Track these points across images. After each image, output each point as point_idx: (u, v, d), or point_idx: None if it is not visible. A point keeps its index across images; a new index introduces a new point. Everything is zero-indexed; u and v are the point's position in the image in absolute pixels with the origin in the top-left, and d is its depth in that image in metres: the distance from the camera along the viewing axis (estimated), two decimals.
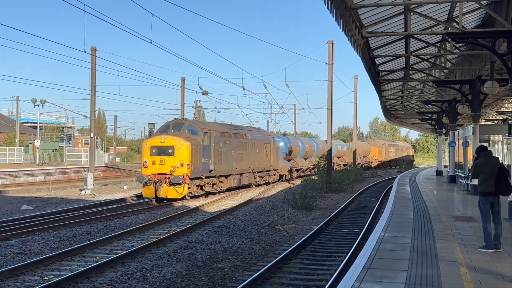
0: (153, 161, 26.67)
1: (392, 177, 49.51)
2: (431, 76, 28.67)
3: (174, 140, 26.77)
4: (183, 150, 26.59)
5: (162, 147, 26.74)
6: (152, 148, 26.87)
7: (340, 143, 69.58)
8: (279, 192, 33.64)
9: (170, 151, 26.59)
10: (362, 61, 21.81)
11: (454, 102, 30.11)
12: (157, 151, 26.76)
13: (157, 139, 27.10)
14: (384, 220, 14.32)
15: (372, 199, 29.88)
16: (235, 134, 32.73)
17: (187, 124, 28.88)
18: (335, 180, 35.07)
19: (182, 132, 28.36)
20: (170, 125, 28.96)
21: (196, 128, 28.68)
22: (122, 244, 15.80)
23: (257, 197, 30.17)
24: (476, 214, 16.12)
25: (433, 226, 13.20)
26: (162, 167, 26.50)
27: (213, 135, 29.31)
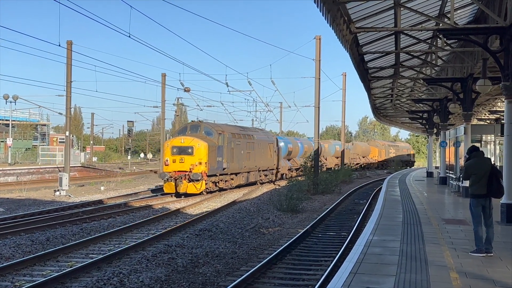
0: (174, 159, 30.55)
1: (381, 178, 49.79)
2: (422, 74, 28.85)
3: (193, 141, 30.71)
4: (201, 150, 30.49)
5: (182, 147, 30.62)
6: (173, 148, 30.72)
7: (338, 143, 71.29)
8: (264, 193, 33.67)
9: (189, 150, 30.45)
10: (350, 57, 21.90)
11: (445, 101, 30.36)
12: (178, 151, 30.62)
13: (178, 140, 31.07)
14: (373, 223, 14.39)
15: (360, 201, 30.02)
16: (244, 135, 36.77)
17: (203, 126, 32.80)
18: (322, 181, 35.19)
19: (199, 133, 32.24)
20: (187, 127, 33.15)
21: (212, 129, 32.55)
22: (99, 248, 15.70)
23: (241, 199, 30.17)
24: (467, 217, 16.25)
25: (423, 230, 13.29)
26: (182, 165, 30.33)
27: (226, 136, 33.17)
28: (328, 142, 67.80)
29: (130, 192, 33.31)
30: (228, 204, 27.03)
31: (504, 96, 15.45)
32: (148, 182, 43.24)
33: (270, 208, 25.49)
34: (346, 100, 55.86)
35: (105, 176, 47.81)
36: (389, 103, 44.11)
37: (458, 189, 25.48)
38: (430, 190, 28.29)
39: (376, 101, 42.01)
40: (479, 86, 18.21)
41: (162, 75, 55.43)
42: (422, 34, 23.15)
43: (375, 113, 50.49)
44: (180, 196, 30.02)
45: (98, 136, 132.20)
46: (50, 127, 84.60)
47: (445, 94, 30.21)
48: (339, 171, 46.39)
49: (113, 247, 15.79)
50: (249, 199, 30.49)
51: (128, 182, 42.92)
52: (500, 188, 10.30)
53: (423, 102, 35.85)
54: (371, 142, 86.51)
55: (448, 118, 32.34)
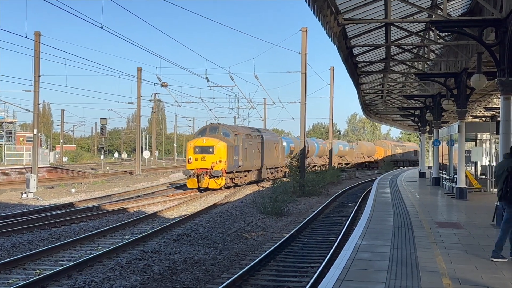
0: (196, 158, 35.88)
1: (371, 179, 50.06)
2: (414, 68, 29.06)
3: (214, 141, 36.20)
4: (221, 149, 35.80)
5: (204, 146, 36.06)
6: (196, 147, 36.15)
7: (342, 142, 75.06)
8: (247, 196, 33.68)
9: (210, 150, 35.84)
10: (338, 51, 21.97)
11: (438, 97, 30.59)
12: (200, 150, 36.00)
13: (200, 140, 36.54)
14: (362, 226, 14.46)
15: (349, 203, 30.17)
16: (255, 135, 42.63)
17: (221, 127, 38.28)
18: (309, 182, 35.29)
19: (217, 134, 37.59)
20: (206, 129, 38.74)
21: (229, 131, 38.07)
22: (69, 254, 15.59)
23: (222, 201, 30.17)
24: (461, 219, 16.43)
25: (414, 233, 13.39)
26: (204, 163, 35.58)
27: (241, 137, 38.67)
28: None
29: (104, 195, 33.15)
30: (209, 207, 27.01)
31: (500, 92, 15.60)
32: (123, 184, 43.04)
33: (253, 211, 25.52)
34: (334, 96, 56.24)
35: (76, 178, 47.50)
36: (379, 99, 44.36)
37: (451, 191, 25.69)
38: (422, 191, 28.50)
39: (366, 97, 42.21)
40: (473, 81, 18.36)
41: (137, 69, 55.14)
42: (414, 26, 23.30)
43: (364, 110, 50.72)
44: (203, 190, 35.43)
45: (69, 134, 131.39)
46: (16, 124, 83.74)
47: (438, 90, 30.44)
48: (326, 171, 46.54)
49: (85, 253, 15.69)
50: (231, 201, 30.48)
51: (101, 183, 42.68)
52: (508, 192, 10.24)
53: (415, 98, 36.07)
54: (377, 142, 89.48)
55: (441, 116, 32.56)
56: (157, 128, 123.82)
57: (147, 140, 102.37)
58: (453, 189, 24.76)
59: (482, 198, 23.46)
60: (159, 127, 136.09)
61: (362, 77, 31.58)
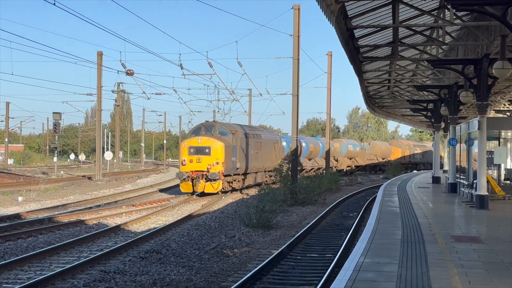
0: (191, 159, 38.22)
1: (376, 185, 50.23)
2: (426, 54, 29.18)
3: (210, 141, 38.52)
4: (218, 150, 38.06)
5: (199, 147, 38.37)
6: (190, 148, 38.59)
7: (352, 142, 77.76)
8: (229, 205, 33.68)
9: (207, 150, 38.14)
10: (337, 33, 22.02)
11: (455, 88, 30.76)
12: (195, 151, 38.38)
13: (195, 140, 38.96)
14: (364, 241, 14.51)
15: (349, 213, 30.26)
16: (253, 135, 44.87)
17: (217, 126, 40.74)
18: (302, 189, 35.35)
19: (213, 133, 40.01)
20: (201, 127, 40.86)
21: (226, 130, 40.39)
22: (15, 276, 15.50)
23: (199, 211, 30.14)
24: (482, 233, 16.53)
25: (426, 249, 13.45)
26: (199, 164, 37.89)
27: (239, 136, 41.02)
28: (339, 141, 73.85)
29: (57, 204, 32.97)
30: (183, 218, 27.00)
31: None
32: (80, 191, 42.86)
33: (236, 223, 25.52)
34: (332, 86, 56.09)
35: (24, 184, 47.19)
36: (385, 90, 44.51)
37: (470, 198, 25.84)
38: (436, 199, 28.62)
39: (370, 88, 42.35)
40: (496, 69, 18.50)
41: (97, 54, 54.91)
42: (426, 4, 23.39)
43: (368, 103, 50.91)
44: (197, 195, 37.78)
45: (15, 132, 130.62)
46: None
47: (455, 80, 30.62)
48: (323, 176, 46.66)
49: (34, 274, 15.60)
50: (209, 212, 30.45)
51: (54, 191, 42.47)
52: None
53: (428, 89, 36.22)
54: (393, 142, 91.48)
55: (458, 110, 32.76)
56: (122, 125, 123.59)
57: (109, 139, 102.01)
58: (472, 197, 24.90)
59: (506, 208, 23.62)
60: (123, 123, 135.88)
61: (365, 64, 31.67)
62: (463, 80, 27.45)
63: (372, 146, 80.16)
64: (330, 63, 55.06)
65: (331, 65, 55.06)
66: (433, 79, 36.90)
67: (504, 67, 18.18)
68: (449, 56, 29.82)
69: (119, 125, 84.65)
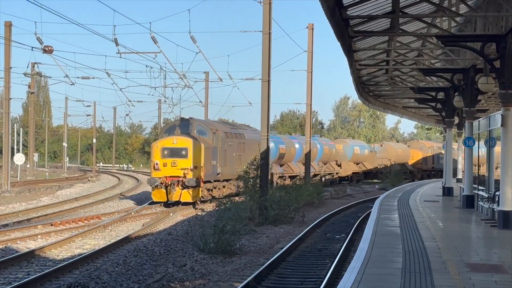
0: (164, 163, 40.63)
1: (370, 198, 50.43)
2: (435, 28, 29.30)
3: (187, 141, 40.90)
4: (197, 152, 40.54)
5: (175, 148, 40.74)
6: (164, 149, 40.87)
7: (359, 143, 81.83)
8: (178, 224, 33.56)
9: (183, 152, 40.50)
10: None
11: (472, 72, 30.92)
12: (169, 153, 40.69)
13: (169, 140, 41.27)
14: (354, 271, 14.52)
15: (335, 235, 30.33)
16: (235, 134, 48.11)
17: (195, 124, 43.26)
18: (274, 203, 35.27)
19: (190, 132, 42.61)
20: (176, 125, 43.75)
21: (205, 128, 43.24)
22: None
23: (139, 232, 29.95)
24: (506, 260, 16.63)
25: (434, 282, 13.49)
26: (174, 169, 40.30)
27: (220, 136, 43.96)
28: (343, 142, 77.44)
29: None
30: (118, 241, 26.84)
31: None
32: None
33: (188, 247, 25.44)
34: (314, 69, 56.09)
35: None
36: (383, 75, 44.56)
37: (492, 216, 26.02)
38: (448, 216, 28.80)
39: (362, 71, 42.35)
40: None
41: (5, 24, 54.38)
42: None
43: (360, 92, 50.89)
44: (173, 205, 40.44)
45: None
46: None
47: (472, 62, 30.80)
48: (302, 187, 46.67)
49: None
50: (152, 233, 30.29)
51: None
52: None
53: (437, 74, 36.39)
54: (413, 143, 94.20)
55: (476, 101, 32.93)
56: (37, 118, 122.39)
57: (20, 137, 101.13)
58: (494, 214, 25.06)
59: None
60: (39, 116, 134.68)
61: (357, 40, 31.71)
62: (482, 62, 27.66)
63: (385, 149, 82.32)
64: (312, 39, 54.99)
65: (312, 41, 54.99)
66: (444, 61, 37.12)
67: None
68: (465, 31, 30.01)
69: (33, 118, 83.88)
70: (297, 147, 64.52)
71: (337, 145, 74.73)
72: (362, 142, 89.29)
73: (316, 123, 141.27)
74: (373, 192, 62.50)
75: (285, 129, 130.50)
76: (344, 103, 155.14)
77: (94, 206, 43.80)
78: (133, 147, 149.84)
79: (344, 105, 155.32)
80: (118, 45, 40.19)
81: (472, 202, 31.85)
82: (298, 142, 65.83)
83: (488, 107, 51.00)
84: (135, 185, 66.96)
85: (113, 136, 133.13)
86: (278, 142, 58.91)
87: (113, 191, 59.18)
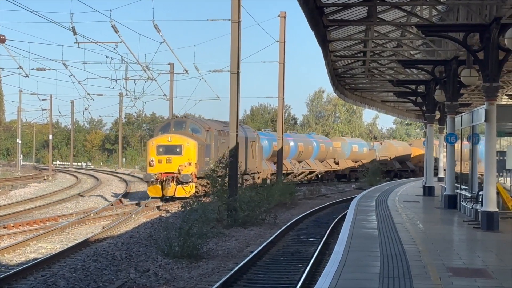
0: (160, 160, 46.11)
1: (346, 198, 50.55)
2: (416, 17, 29.43)
3: (181, 139, 46.40)
4: (191, 149, 45.51)
5: (170, 145, 46.23)
6: (159, 147, 46.45)
7: (358, 141, 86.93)
8: (141, 226, 33.48)
9: (178, 150, 45.96)
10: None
11: (454, 64, 31.08)
12: (164, 150, 46.27)
13: (164, 138, 46.96)
14: (329, 277, 14.56)
15: (309, 238, 30.38)
16: (228, 132, 48.93)
17: (189, 122, 48.94)
18: (244, 204, 35.26)
19: (184, 130, 48.05)
20: (170, 123, 49.73)
21: (198, 126, 48.40)
22: None
23: (99, 236, 29.82)
24: (490, 264, 16.74)
25: (414, 287, 13.57)
26: (169, 166, 45.43)
27: (213, 134, 49.07)
28: (341, 140, 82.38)
29: None
30: (76, 245, 26.70)
31: None
32: None
33: (151, 251, 25.38)
34: (287, 61, 56.06)
35: None
36: (359, 67, 44.69)
37: (475, 217, 26.15)
38: (429, 218, 28.91)
39: (338, 63, 42.45)
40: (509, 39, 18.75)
41: None
42: None
43: (336, 85, 50.96)
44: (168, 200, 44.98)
45: None
46: None
47: (454, 53, 30.95)
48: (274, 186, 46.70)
49: None
50: (113, 236, 30.19)
51: None
52: None
53: (418, 66, 36.52)
54: (415, 142, 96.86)
55: (459, 94, 33.07)
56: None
57: None
58: (477, 215, 25.20)
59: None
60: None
61: (332, 30, 31.76)
62: (464, 54, 27.82)
63: (385, 147, 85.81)
64: (284, 28, 54.99)
65: (284, 31, 55.00)
66: (425, 52, 37.29)
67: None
68: (447, 21, 30.15)
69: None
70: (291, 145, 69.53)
71: (335, 143, 79.49)
72: (361, 140, 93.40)
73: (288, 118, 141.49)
74: (350, 191, 62.64)
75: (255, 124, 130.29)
76: (319, 97, 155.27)
77: (51, 207, 43.55)
78: (93, 144, 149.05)
79: (318, 99, 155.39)
80: (76, 34, 40.06)
81: (454, 203, 32.00)
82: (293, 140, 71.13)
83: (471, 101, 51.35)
84: (94, 184, 66.63)
85: (71, 132, 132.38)
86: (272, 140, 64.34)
87: (71, 191, 58.85)
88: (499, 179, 28.86)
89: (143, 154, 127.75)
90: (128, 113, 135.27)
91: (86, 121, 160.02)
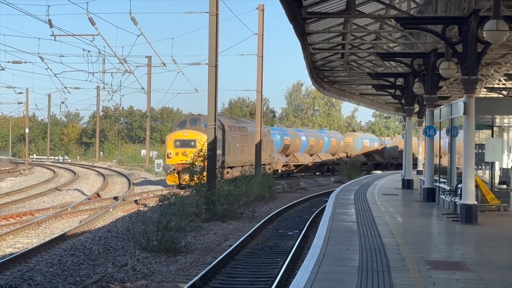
0: (176, 152, 53.83)
1: (325, 192, 50.59)
2: (394, 10, 29.46)
3: (195, 134, 53.94)
4: (204, 143, 46.82)
5: (185, 140, 54.16)
6: (176, 141, 54.67)
7: (369, 136, 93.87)
8: (118, 220, 33.40)
9: (192, 143, 52.94)
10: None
11: (433, 57, 31.14)
12: (181, 144, 54.18)
13: (180, 133, 55.20)
14: (308, 270, 14.56)
15: (288, 231, 30.40)
16: (239, 127, 60.33)
17: (202, 119, 54.94)
18: (223, 198, 35.24)
19: (198, 126, 55.53)
20: (186, 120, 58.78)
21: None
22: None
23: (76, 230, 29.74)
24: (468, 257, 16.80)
25: (393, 280, 13.59)
26: (185, 157, 50.01)
27: (224, 129, 54.99)
28: (353, 135, 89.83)
29: None
30: (53, 240, 26.62)
31: None
32: None
33: (129, 246, 25.32)
34: (265, 54, 55.99)
35: None
36: (338, 59, 44.73)
37: (453, 209, 26.23)
38: (407, 211, 28.99)
39: (316, 56, 42.48)
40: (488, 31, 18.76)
41: None
42: None
43: (314, 78, 50.98)
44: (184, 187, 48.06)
45: None
46: None
47: (433, 46, 31.00)
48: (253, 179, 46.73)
49: None
50: (90, 230, 30.11)
51: None
52: None
53: (396, 58, 36.58)
54: None
55: (438, 87, 33.14)
56: None
57: None
58: (456, 208, 25.29)
59: (502, 222, 24.11)
60: None
61: (311, 22, 31.77)
62: (443, 46, 27.87)
63: (395, 141, 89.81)
64: (262, 21, 54.90)
65: (263, 23, 54.91)
66: (404, 45, 37.34)
67: (499, 28, 18.45)
68: (425, 13, 30.20)
69: None
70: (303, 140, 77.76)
71: (347, 138, 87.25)
72: (372, 135, 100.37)
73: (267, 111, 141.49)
74: (329, 185, 62.75)
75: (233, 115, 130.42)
76: (297, 90, 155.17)
77: (27, 202, 43.47)
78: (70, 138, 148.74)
79: (297, 92, 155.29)
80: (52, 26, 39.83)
81: (433, 196, 32.10)
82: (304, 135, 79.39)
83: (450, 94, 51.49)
84: (71, 178, 66.46)
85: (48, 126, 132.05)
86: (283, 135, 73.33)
87: (48, 185, 58.75)
88: (478, 172, 28.96)
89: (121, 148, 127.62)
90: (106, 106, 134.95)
91: (63, 115, 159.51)
